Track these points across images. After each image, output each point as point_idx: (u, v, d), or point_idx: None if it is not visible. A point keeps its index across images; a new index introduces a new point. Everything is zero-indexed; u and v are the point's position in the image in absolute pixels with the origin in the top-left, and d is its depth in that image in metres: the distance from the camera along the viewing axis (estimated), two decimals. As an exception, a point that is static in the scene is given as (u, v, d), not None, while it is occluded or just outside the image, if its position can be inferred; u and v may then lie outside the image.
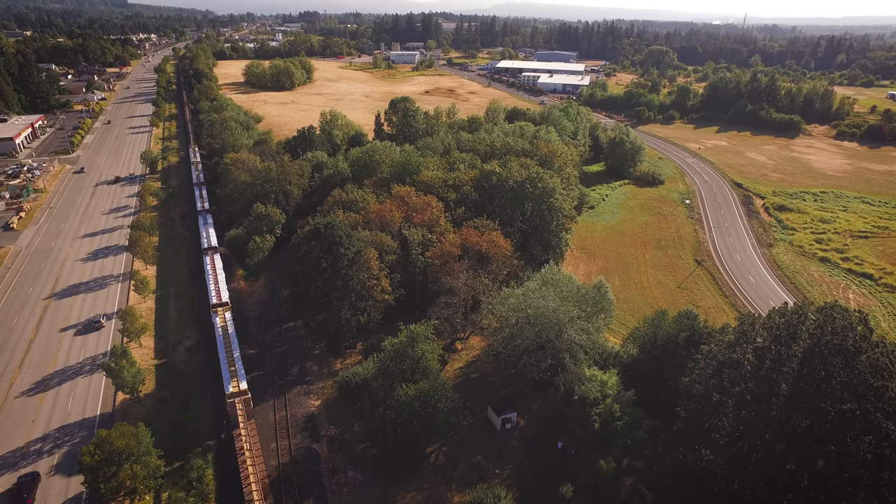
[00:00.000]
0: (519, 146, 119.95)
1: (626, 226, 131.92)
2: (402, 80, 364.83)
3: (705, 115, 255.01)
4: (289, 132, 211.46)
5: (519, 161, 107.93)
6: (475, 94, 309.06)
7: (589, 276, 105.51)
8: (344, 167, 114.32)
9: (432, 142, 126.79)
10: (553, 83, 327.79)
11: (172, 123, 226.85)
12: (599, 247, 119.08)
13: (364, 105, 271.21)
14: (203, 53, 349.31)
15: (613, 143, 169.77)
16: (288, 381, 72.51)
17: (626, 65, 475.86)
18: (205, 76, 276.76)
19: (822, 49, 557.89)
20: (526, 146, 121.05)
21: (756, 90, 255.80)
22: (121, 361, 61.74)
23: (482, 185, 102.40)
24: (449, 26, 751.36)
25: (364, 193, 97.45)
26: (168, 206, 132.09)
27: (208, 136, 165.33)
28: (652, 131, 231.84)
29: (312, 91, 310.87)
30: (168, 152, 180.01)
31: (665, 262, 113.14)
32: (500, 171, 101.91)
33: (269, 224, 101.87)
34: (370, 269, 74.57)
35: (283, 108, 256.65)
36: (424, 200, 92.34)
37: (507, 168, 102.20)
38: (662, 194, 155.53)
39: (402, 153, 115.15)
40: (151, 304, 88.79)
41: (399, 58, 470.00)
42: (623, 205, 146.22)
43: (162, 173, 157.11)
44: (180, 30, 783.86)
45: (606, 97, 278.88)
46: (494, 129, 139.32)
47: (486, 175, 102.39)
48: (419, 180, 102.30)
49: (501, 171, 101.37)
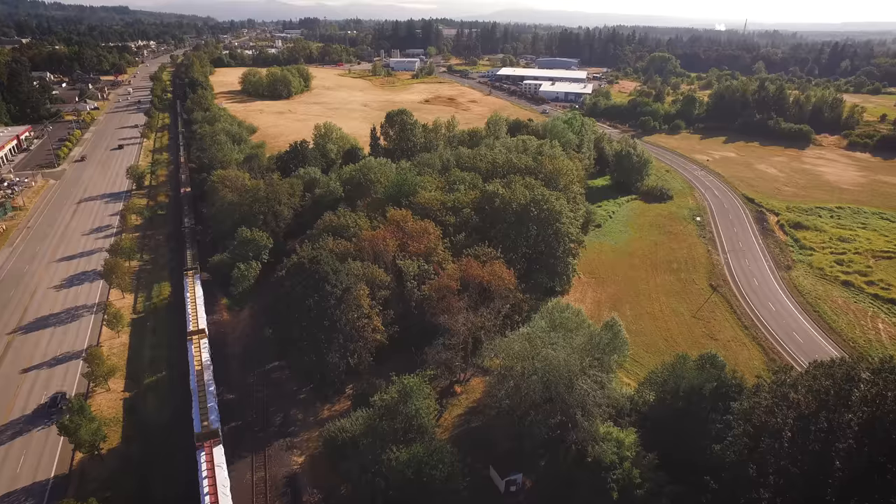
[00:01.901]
0: (522, 163, 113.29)
1: (636, 246, 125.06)
2: (402, 89, 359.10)
3: (712, 124, 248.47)
4: (284, 143, 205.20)
5: (523, 181, 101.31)
6: (476, 103, 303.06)
7: (598, 304, 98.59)
8: (336, 187, 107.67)
9: (430, 158, 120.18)
10: (555, 91, 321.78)
11: (165, 134, 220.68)
12: (608, 270, 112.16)
13: (362, 115, 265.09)
14: (199, 61, 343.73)
15: (620, 157, 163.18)
16: (270, 432, 65.51)
17: (628, 72, 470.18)
18: (200, 85, 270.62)
19: (825, 55, 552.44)
20: (530, 163, 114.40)
21: (764, 99, 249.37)
22: (77, 418, 54.78)
23: (483, 207, 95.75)
24: (449, 32, 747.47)
25: (356, 217, 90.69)
26: (153, 224, 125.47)
27: (198, 149, 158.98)
28: (658, 142, 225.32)
29: (310, 100, 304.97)
30: (158, 166, 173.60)
31: (678, 288, 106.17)
32: (503, 192, 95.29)
33: (255, 249, 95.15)
34: (360, 308, 67.75)
35: (278, 118, 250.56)
36: (421, 226, 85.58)
37: (511, 189, 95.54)
38: (672, 211, 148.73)
39: (397, 172, 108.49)
40: (125, 339, 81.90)
41: (399, 65, 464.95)
42: (631, 222, 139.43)
43: (149, 189, 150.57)
44: (180, 37, 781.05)
45: (610, 106, 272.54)
46: (496, 143, 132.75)
47: (488, 197, 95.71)
48: (416, 202, 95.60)
49: (504, 193, 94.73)
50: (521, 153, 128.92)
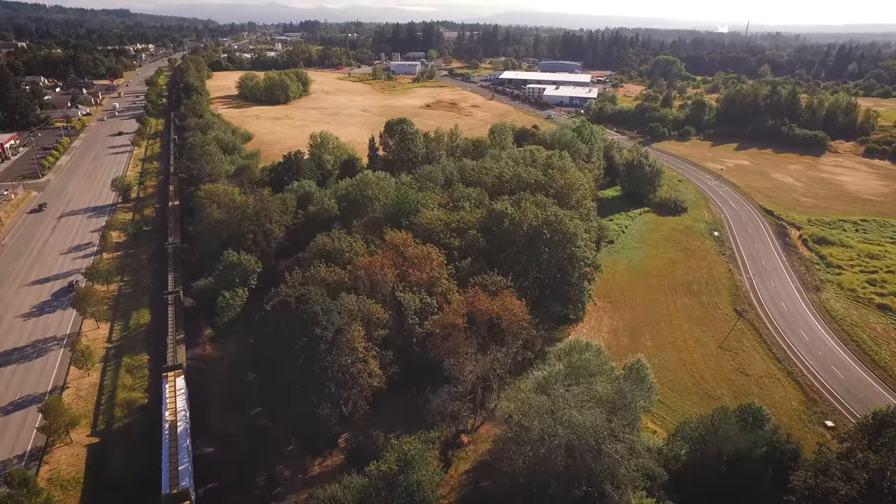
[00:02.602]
0: (532, 178, 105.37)
1: (652, 265, 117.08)
2: (402, 93, 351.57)
3: (722, 130, 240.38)
4: (279, 151, 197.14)
5: (534, 199, 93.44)
6: (478, 108, 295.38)
7: (615, 333, 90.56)
8: (330, 204, 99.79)
9: (432, 171, 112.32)
10: (559, 96, 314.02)
11: (158, 142, 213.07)
12: (624, 293, 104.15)
13: (361, 120, 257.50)
14: (194, 65, 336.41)
15: (631, 167, 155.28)
16: (251, 495, 57.61)
17: (632, 75, 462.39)
18: (195, 90, 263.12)
19: (831, 58, 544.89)
20: (540, 177, 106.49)
21: (776, 104, 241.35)
22: (18, 493, 46.89)
23: (491, 228, 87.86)
24: (450, 35, 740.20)
25: (352, 241, 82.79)
26: (137, 241, 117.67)
27: (187, 159, 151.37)
28: (667, 149, 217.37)
29: (308, 105, 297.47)
30: (147, 176, 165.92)
31: (700, 313, 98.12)
32: (512, 212, 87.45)
33: (242, 274, 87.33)
34: (355, 351, 59.85)
35: (275, 125, 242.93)
36: (423, 252, 77.65)
37: (521, 209, 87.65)
38: (687, 224, 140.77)
39: (397, 188, 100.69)
40: (96, 378, 74.11)
41: (399, 68, 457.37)
42: (645, 238, 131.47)
43: (136, 202, 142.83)
44: (179, 40, 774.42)
45: (616, 111, 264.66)
46: (502, 154, 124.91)
47: (495, 217, 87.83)
48: (417, 223, 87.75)
49: (514, 213, 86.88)
50: (530, 165, 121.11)
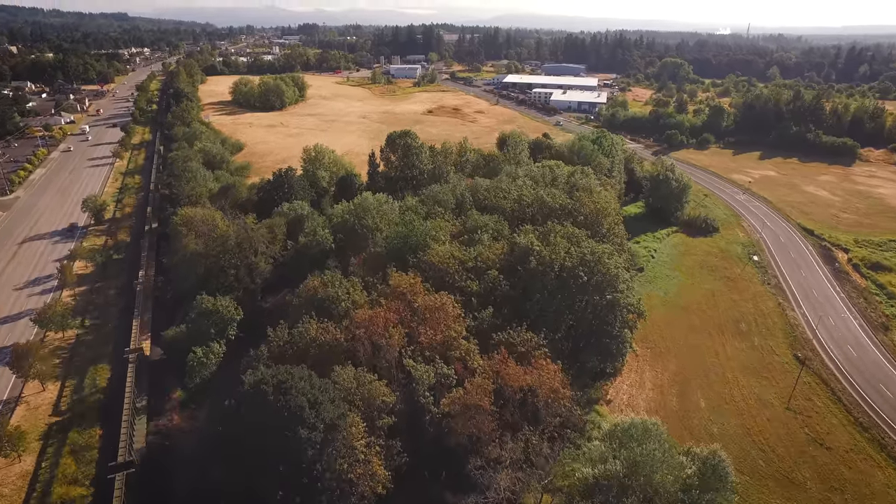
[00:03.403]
0: (557, 202, 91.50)
1: (689, 297, 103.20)
2: (403, 98, 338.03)
3: (743, 138, 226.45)
4: (272, 163, 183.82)
5: (563, 230, 79.67)
6: (483, 114, 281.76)
7: (661, 391, 76.61)
8: (324, 235, 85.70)
9: (441, 192, 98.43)
10: (567, 101, 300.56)
11: (142, 153, 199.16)
12: (663, 335, 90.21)
13: (360, 128, 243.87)
14: (186, 70, 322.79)
15: (656, 182, 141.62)
16: None
17: (639, 78, 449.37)
18: (185, 96, 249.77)
19: (841, 60, 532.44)
20: (565, 202, 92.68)
21: (799, 109, 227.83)
22: None
23: (515, 267, 74.06)
24: (451, 38, 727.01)
25: (349, 286, 68.87)
26: (106, 273, 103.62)
27: (169, 175, 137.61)
28: (686, 158, 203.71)
29: (304, 111, 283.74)
30: (126, 192, 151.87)
31: (755, 361, 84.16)
32: (539, 248, 73.63)
33: (219, 323, 73.40)
34: (353, 451, 46.01)
35: (269, 133, 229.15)
36: (436, 302, 63.70)
37: (551, 245, 73.77)
38: (721, 247, 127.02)
39: (402, 216, 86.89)
40: (30, 465, 59.97)
41: (399, 72, 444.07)
42: (678, 264, 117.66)
43: (111, 223, 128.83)
44: (175, 43, 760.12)
45: (629, 118, 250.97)
46: (518, 171, 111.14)
47: (520, 255, 74.06)
48: (427, 261, 73.91)
49: (542, 250, 73.03)
50: (550, 184, 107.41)
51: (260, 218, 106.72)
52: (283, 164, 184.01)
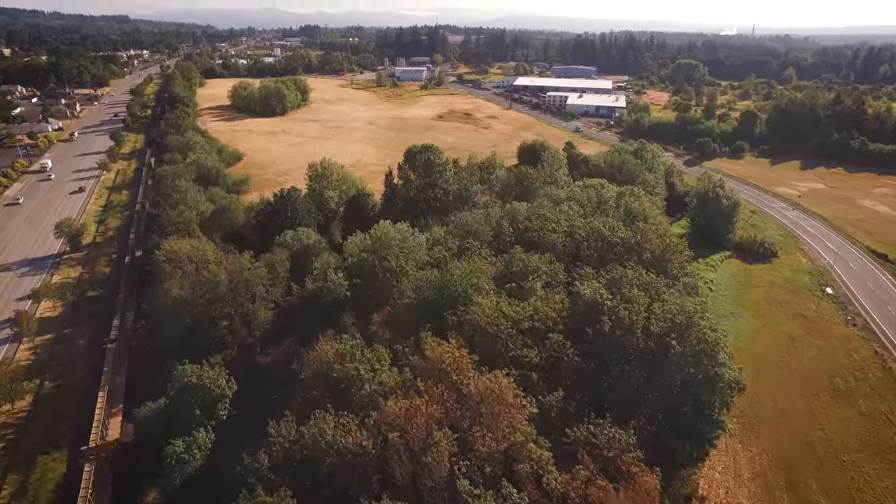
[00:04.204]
0: (617, 236, 75.68)
1: (764, 344, 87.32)
2: (410, 102, 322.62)
3: (778, 146, 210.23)
4: (273, 175, 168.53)
5: (634, 276, 63.95)
6: (496, 119, 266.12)
7: (764, 481, 60.51)
8: (338, 281, 69.72)
9: (474, 220, 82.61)
10: (584, 105, 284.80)
11: (132, 164, 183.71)
12: (747, 395, 74.09)
13: (367, 135, 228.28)
14: (182, 73, 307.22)
15: (704, 199, 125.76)
16: None
17: (653, 80, 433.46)
18: (181, 101, 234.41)
19: (860, 60, 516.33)
20: (626, 235, 76.90)
21: (840, 114, 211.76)
22: None
23: (580, 327, 58.31)
24: (455, 39, 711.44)
25: (373, 357, 53.13)
26: (77, 315, 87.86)
27: (156, 193, 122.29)
28: (721, 169, 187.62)
29: (307, 116, 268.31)
30: (111, 211, 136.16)
31: (870, 433, 68.04)
32: (610, 302, 57.86)
33: (205, 400, 57.63)
34: None
35: (270, 141, 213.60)
36: (491, 387, 47.94)
37: (625, 299, 58.01)
38: (786, 276, 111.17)
39: (430, 252, 71.19)
40: None
41: (405, 74, 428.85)
42: (740, 298, 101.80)
43: (89, 250, 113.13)
44: (175, 45, 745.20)
45: (654, 124, 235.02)
46: (560, 192, 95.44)
47: (585, 311, 58.30)
48: (471, 320, 58.17)
49: (616, 306, 57.29)
50: (598, 209, 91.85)
51: (259, 246, 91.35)
52: (285, 176, 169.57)
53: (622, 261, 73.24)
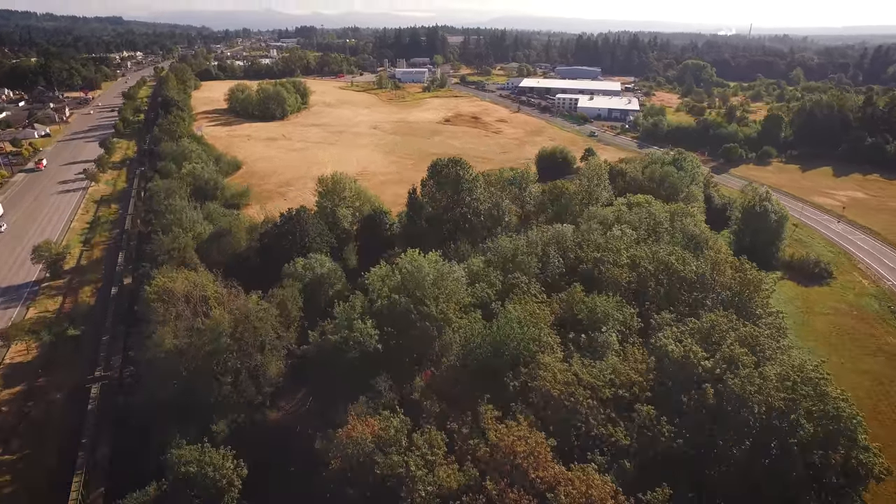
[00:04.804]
0: (690, 272, 64.16)
1: (848, 388, 75.83)
2: (414, 104, 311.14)
3: (805, 151, 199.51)
4: (276, 186, 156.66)
5: (726, 323, 52.64)
6: (506, 123, 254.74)
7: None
8: (365, 331, 57.57)
9: (514, 247, 71.10)
10: (597, 108, 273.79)
11: (123, 174, 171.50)
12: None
13: (373, 140, 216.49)
14: (176, 76, 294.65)
15: (751, 214, 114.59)
16: None
17: (660, 82, 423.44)
18: (175, 105, 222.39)
19: (867, 60, 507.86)
20: (702, 269, 65.46)
21: (871, 117, 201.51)
22: None
23: (673, 395, 46.88)
24: (455, 40, 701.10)
25: (424, 444, 41.47)
26: (55, 358, 75.86)
27: (147, 210, 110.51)
28: (749, 176, 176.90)
29: (308, 121, 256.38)
30: (98, 229, 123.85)
31: None
32: (709, 364, 46.47)
33: (207, 491, 45.75)
34: None
35: (270, 147, 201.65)
36: (580, 490, 36.42)
37: (730, 364, 46.53)
38: (850, 301, 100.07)
39: (471, 289, 59.68)
40: None
41: (406, 76, 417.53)
42: (805, 328, 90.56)
43: (72, 275, 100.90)
44: (169, 47, 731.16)
45: (673, 128, 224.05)
46: (607, 213, 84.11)
47: (678, 376, 46.84)
48: (539, 388, 46.65)
49: (716, 367, 45.87)
50: (652, 233, 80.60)
51: (264, 272, 79.82)
52: (288, 186, 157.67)
53: (695, 299, 62.10)
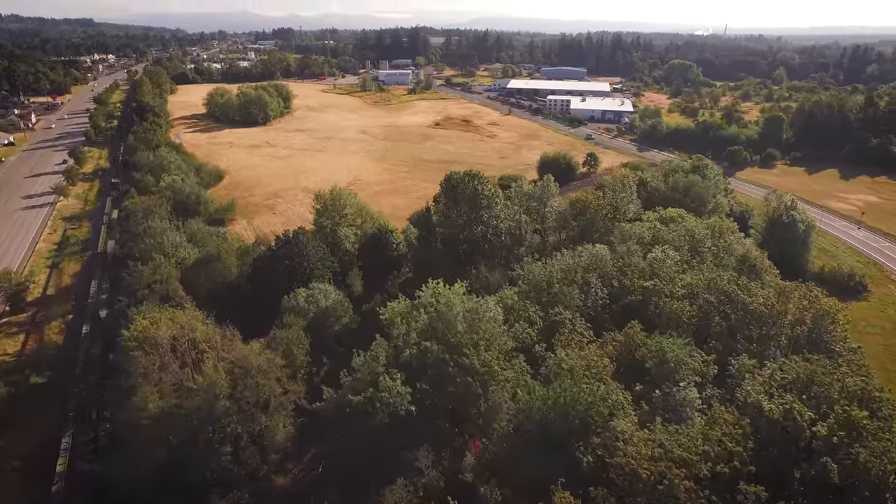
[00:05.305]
0: (758, 304, 55.90)
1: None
2: (401, 107, 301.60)
3: (808, 152, 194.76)
4: (262, 198, 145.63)
5: (821, 366, 44.52)
6: (498, 127, 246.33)
7: None
8: (396, 390, 47.43)
9: (549, 274, 62.32)
10: (590, 109, 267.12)
11: (95, 186, 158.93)
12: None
13: (363, 146, 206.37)
14: (151, 79, 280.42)
15: (777, 225, 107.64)
16: None
17: (647, 82, 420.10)
18: (151, 111, 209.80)
19: (846, 59, 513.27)
20: (769, 298, 57.38)
21: (873, 117, 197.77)
22: None
23: (775, 465, 38.38)
24: (436, 41, 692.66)
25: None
26: (17, 415, 64.84)
27: (122, 231, 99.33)
28: (755, 179, 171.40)
29: (292, 126, 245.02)
30: (67, 251, 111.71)
31: None
32: (825, 432, 38.10)
33: None
34: None
35: (253, 155, 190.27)
36: None
37: (843, 427, 38.23)
38: (892, 316, 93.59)
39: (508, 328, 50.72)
40: None
41: (390, 78, 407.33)
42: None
43: (37, 309, 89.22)
44: (143, 50, 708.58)
45: (673, 130, 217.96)
46: (643, 230, 75.86)
47: (778, 441, 38.38)
48: (619, 464, 37.81)
49: (832, 436, 37.53)
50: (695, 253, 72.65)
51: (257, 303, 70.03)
52: (276, 198, 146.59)
53: (764, 335, 54.09)
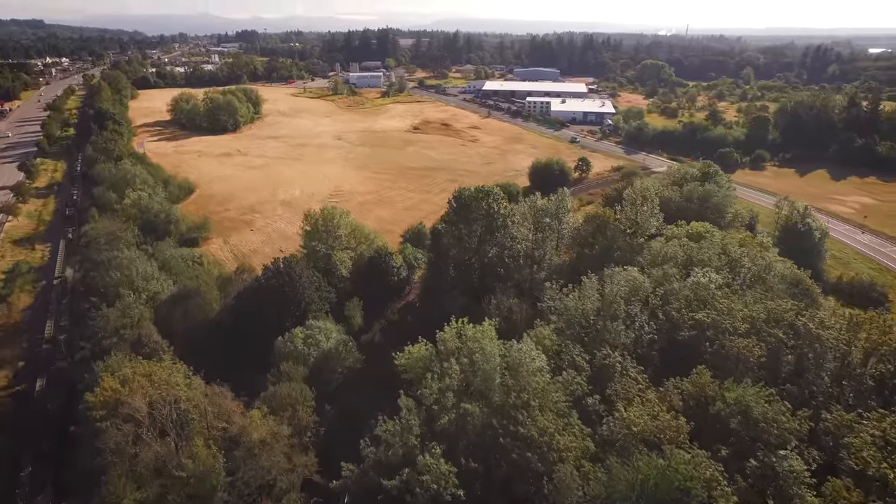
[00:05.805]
0: (832, 338, 49.16)
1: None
2: (376, 111, 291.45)
3: (796, 153, 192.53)
4: (237, 213, 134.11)
5: None
6: (479, 130, 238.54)
7: None
8: (437, 470, 38.67)
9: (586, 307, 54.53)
10: (571, 111, 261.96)
11: (50, 202, 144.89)
12: None
13: (340, 154, 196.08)
14: (110, 84, 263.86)
15: (791, 233, 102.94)
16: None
17: (621, 82, 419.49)
18: (111, 119, 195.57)
19: (808, 59, 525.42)
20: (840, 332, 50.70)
21: (856, 118, 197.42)
22: None
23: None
24: (405, 42, 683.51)
25: None
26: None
27: (84, 258, 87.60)
28: (747, 182, 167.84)
29: (264, 132, 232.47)
30: (18, 282, 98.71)
31: None
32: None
33: None
34: None
35: (225, 165, 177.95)
36: None
37: None
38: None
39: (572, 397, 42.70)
40: None
41: (362, 80, 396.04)
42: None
43: (-15, 352, 77.36)
44: (99, 52, 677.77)
45: (659, 132, 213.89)
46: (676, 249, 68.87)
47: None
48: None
49: None
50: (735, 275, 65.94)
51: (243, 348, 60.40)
52: (253, 213, 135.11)
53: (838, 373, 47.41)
